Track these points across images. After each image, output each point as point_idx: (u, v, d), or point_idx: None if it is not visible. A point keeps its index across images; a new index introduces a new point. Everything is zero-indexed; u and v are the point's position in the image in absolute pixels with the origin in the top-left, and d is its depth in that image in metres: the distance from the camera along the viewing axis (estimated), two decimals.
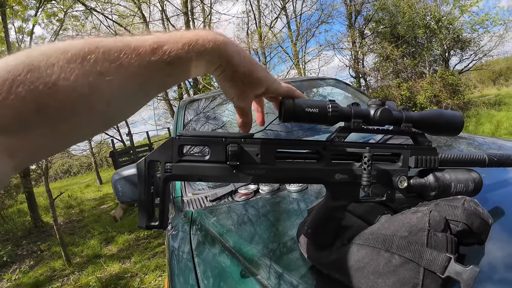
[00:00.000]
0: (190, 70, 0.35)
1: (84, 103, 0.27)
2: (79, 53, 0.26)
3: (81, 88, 0.26)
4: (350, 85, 2.07)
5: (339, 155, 0.49)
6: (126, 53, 0.29)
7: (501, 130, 5.90)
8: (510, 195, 0.74)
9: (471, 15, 8.58)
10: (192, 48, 0.34)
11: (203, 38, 0.35)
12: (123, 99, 0.30)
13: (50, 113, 0.25)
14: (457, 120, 0.57)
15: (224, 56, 0.37)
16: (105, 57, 0.28)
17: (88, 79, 0.26)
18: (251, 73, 0.41)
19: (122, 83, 0.29)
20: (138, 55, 0.30)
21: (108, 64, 0.28)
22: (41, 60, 0.25)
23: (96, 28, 6.68)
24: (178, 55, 0.33)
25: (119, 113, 0.32)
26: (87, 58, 0.27)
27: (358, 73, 9.93)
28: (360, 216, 0.54)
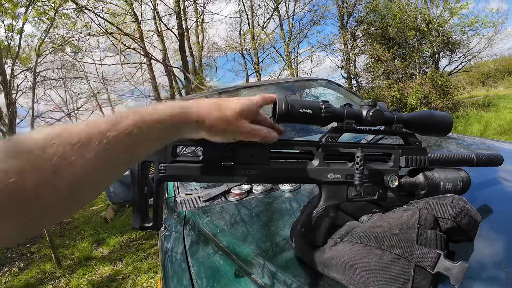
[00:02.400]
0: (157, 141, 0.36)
1: (48, 186, 0.26)
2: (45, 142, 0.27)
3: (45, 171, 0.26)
4: (342, 86, 2.09)
5: (332, 155, 0.50)
6: (87, 136, 0.30)
7: (490, 130, 6.02)
8: (498, 193, 0.76)
9: (461, 18, 8.73)
10: (150, 123, 0.35)
11: (163, 115, 0.36)
12: (89, 177, 0.30)
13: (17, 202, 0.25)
14: (446, 121, 0.59)
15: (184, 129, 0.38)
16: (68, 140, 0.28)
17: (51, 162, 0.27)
18: (224, 126, 0.41)
19: (85, 163, 0.29)
20: (99, 133, 0.31)
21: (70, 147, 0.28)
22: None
23: (87, 26, 6.59)
24: (136, 125, 0.33)
25: (86, 193, 0.31)
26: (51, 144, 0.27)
27: (349, 74, 10.03)
28: (352, 214, 0.55)
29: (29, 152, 0.26)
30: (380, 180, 0.53)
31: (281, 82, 1.97)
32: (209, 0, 9.06)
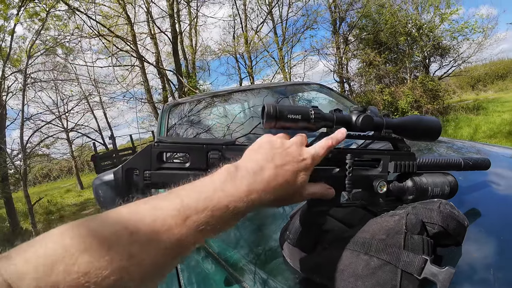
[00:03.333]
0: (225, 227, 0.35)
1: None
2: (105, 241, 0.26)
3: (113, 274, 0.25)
4: (334, 90, 2.12)
5: (321, 161, 0.50)
6: (153, 232, 0.28)
7: (479, 133, 6.13)
8: (485, 197, 0.77)
9: (451, 23, 8.90)
10: (223, 214, 0.33)
11: (235, 202, 0.34)
12: (156, 273, 0.29)
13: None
14: (435, 126, 0.59)
15: (260, 206, 0.37)
16: (134, 239, 0.27)
17: (119, 264, 0.25)
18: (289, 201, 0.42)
19: (154, 261, 0.28)
20: (167, 231, 0.29)
21: (138, 245, 0.27)
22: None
23: (79, 28, 6.54)
24: (208, 223, 0.31)
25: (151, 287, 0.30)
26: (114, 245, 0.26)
27: (342, 78, 10.12)
28: (341, 219, 0.55)
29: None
30: (369, 186, 0.53)
31: (274, 86, 1.97)
32: (203, 3, 9.09)
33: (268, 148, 0.42)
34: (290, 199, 0.42)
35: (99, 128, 11.45)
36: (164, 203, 0.31)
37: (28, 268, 0.22)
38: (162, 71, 8.08)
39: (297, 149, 0.43)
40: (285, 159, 0.40)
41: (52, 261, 0.23)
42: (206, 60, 10.61)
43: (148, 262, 0.27)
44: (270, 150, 0.41)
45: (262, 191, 0.37)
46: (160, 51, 8.67)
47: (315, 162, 0.43)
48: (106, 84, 9.58)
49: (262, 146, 0.42)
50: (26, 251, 0.24)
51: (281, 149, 0.42)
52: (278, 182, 0.38)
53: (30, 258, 0.23)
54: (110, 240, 0.26)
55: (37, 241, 0.25)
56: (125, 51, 7.38)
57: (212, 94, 1.90)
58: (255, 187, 0.36)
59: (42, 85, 8.57)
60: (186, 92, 6.94)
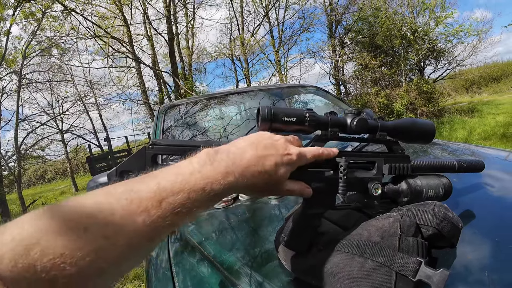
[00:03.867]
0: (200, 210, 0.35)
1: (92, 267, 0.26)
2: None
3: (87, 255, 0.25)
4: (330, 93, 2.12)
5: (316, 164, 0.50)
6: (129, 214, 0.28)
7: (474, 135, 6.18)
8: (480, 199, 0.77)
9: (446, 27, 9.00)
10: (199, 196, 0.33)
11: (211, 184, 0.34)
12: (132, 255, 0.29)
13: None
14: (429, 129, 0.60)
15: (236, 189, 0.37)
16: (109, 220, 0.27)
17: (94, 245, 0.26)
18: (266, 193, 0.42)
19: (129, 243, 0.28)
20: (143, 213, 0.29)
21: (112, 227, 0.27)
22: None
23: (75, 29, 6.50)
24: (184, 205, 0.32)
25: (126, 269, 0.31)
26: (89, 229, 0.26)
27: (338, 81, 10.18)
28: (336, 222, 0.55)
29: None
30: (364, 188, 0.53)
31: (270, 88, 1.98)
32: (200, 6, 9.10)
33: (256, 137, 0.42)
34: (267, 189, 0.42)
35: (94, 130, 11.39)
36: (141, 186, 0.31)
37: (6, 250, 0.23)
38: (158, 72, 8.06)
39: (285, 143, 0.43)
40: (269, 149, 0.41)
41: (29, 242, 0.24)
42: (202, 62, 10.61)
43: (122, 243, 0.27)
44: (256, 139, 0.42)
45: (240, 174, 0.37)
46: (156, 52, 8.66)
47: (300, 161, 0.44)
48: (102, 85, 9.54)
49: (251, 136, 0.43)
50: (3, 233, 0.24)
51: (269, 140, 0.42)
52: (256, 169, 0.38)
53: (6, 240, 0.23)
54: (85, 222, 0.26)
55: (14, 224, 0.25)
56: (121, 52, 7.36)
57: (208, 96, 1.90)
58: (233, 169, 0.36)
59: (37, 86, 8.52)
60: (182, 94, 6.92)
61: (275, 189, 0.43)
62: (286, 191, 0.44)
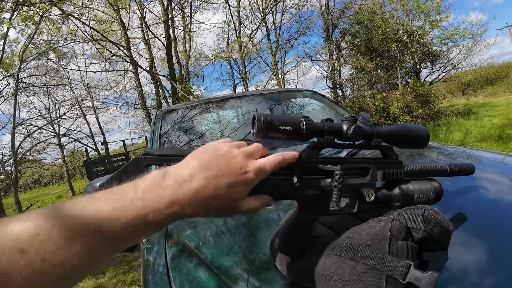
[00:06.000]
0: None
1: None
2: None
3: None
4: (326, 97, 2.14)
5: (311, 171, 0.50)
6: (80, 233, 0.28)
7: (470, 137, 6.22)
8: (472, 201, 0.79)
9: (441, 30, 9.09)
10: (139, 225, 0.32)
11: (153, 214, 0.32)
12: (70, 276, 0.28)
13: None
14: (423, 134, 0.61)
15: (183, 217, 0.36)
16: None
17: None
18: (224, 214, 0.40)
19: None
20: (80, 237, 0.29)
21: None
22: None
23: (73, 33, 6.51)
24: (120, 233, 0.31)
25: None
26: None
27: (335, 84, 10.23)
28: (329, 226, 0.56)
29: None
30: (358, 194, 0.54)
31: (267, 93, 1.99)
32: (197, 10, 9.14)
33: (210, 155, 0.39)
34: (223, 212, 0.40)
35: (91, 134, 11.34)
36: (80, 210, 0.30)
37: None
38: (155, 76, 8.07)
39: (242, 160, 0.40)
40: (223, 169, 0.38)
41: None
42: (200, 65, 10.65)
43: (59, 270, 0.27)
44: (210, 157, 0.39)
45: (187, 202, 0.34)
46: (153, 56, 8.68)
47: (259, 176, 0.41)
48: (99, 89, 9.52)
49: (205, 151, 0.40)
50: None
51: (223, 158, 0.39)
52: (207, 194, 0.36)
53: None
54: (20, 246, 0.26)
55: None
56: (118, 56, 7.38)
57: (205, 101, 1.91)
58: (179, 198, 0.34)
59: (34, 89, 8.49)
60: (179, 97, 6.93)
61: (231, 211, 0.40)
62: (246, 210, 0.41)
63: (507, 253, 0.56)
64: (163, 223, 0.34)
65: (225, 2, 8.87)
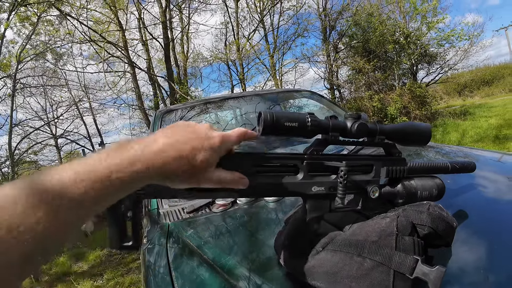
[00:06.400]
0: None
1: None
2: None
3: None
4: (324, 97, 2.15)
5: (316, 168, 0.50)
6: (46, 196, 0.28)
7: (467, 138, 6.26)
8: (473, 198, 0.79)
9: (438, 32, 9.13)
10: (104, 186, 0.31)
11: (116, 173, 0.32)
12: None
13: None
14: (426, 132, 0.61)
15: (148, 177, 0.35)
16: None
17: None
18: (188, 178, 0.38)
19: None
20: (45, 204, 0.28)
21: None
22: None
23: (70, 33, 6.48)
24: (87, 194, 0.30)
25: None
26: None
27: (332, 85, 10.25)
28: (335, 223, 0.56)
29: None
30: (362, 191, 0.54)
31: (266, 93, 1.99)
32: (195, 11, 9.15)
33: (175, 125, 0.40)
34: (189, 177, 0.39)
35: (88, 135, 11.27)
36: (48, 176, 0.30)
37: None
38: (153, 77, 8.05)
39: (206, 129, 0.41)
40: (187, 135, 0.38)
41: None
42: (198, 66, 10.63)
43: (27, 237, 0.27)
44: (175, 126, 0.40)
45: (150, 161, 0.34)
46: (151, 57, 8.66)
47: (224, 145, 0.41)
48: (97, 90, 9.47)
49: (172, 125, 0.41)
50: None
51: (189, 126, 0.40)
52: (170, 155, 0.36)
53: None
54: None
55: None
56: (116, 57, 7.35)
57: (204, 101, 1.91)
58: (142, 157, 0.34)
59: (31, 90, 8.44)
60: (177, 98, 6.92)
61: (199, 177, 0.39)
62: (216, 180, 0.41)
63: (508, 249, 0.56)
64: (129, 183, 0.33)
65: (223, 4, 8.90)
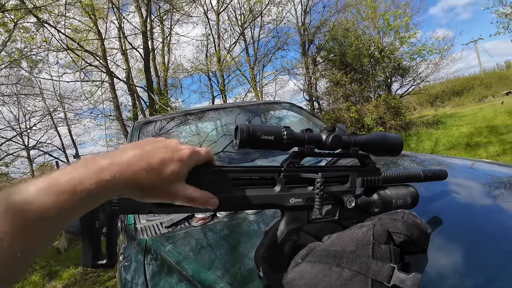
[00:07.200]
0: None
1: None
2: None
3: None
4: (303, 109, 2.19)
5: (293, 180, 0.51)
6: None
7: (440, 146, 6.54)
8: (446, 205, 0.82)
9: (410, 46, 9.63)
10: (70, 198, 0.30)
11: (81, 185, 0.31)
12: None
13: None
14: (397, 142, 0.63)
15: (115, 188, 0.34)
16: None
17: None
18: (156, 194, 0.38)
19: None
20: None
21: None
22: None
23: (47, 41, 6.27)
24: (52, 207, 0.29)
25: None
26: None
27: (311, 97, 10.49)
28: (313, 234, 0.56)
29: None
30: (339, 201, 0.55)
31: (246, 105, 2.01)
32: (176, 22, 9.15)
33: (146, 139, 0.40)
34: (157, 191, 0.38)
35: (62, 146, 10.81)
36: (22, 189, 0.30)
37: None
38: (132, 87, 7.91)
39: (176, 143, 0.41)
40: (158, 147, 0.38)
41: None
42: (178, 77, 10.57)
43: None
44: (146, 141, 0.40)
45: (117, 171, 0.33)
46: (131, 67, 8.53)
47: (193, 157, 0.41)
48: (72, 99, 9.15)
49: (141, 140, 0.41)
50: None
51: (158, 141, 0.40)
52: (139, 165, 0.35)
53: None
54: None
55: None
56: (94, 66, 7.17)
57: (184, 112, 1.89)
58: (110, 167, 0.33)
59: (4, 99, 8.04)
60: (157, 109, 6.82)
61: (167, 191, 0.38)
62: (184, 196, 0.40)
63: (482, 252, 0.58)
64: (95, 195, 0.32)
65: (204, 16, 8.96)
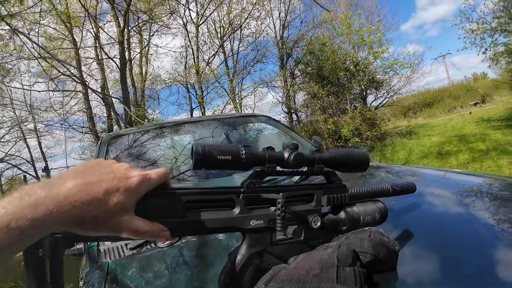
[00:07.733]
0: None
1: None
2: None
3: None
4: (280, 122, 2.20)
5: (254, 201, 0.49)
6: None
7: (413, 155, 6.80)
8: (416, 218, 0.82)
9: (383, 60, 10.18)
10: (3, 235, 0.28)
11: (16, 221, 0.29)
12: None
13: None
14: (363, 158, 0.62)
15: (53, 224, 0.31)
16: None
17: None
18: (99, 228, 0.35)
19: None
20: None
21: None
22: None
23: (17, 50, 6.01)
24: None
25: None
26: None
27: (290, 109, 10.67)
28: (279, 255, 0.54)
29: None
30: (304, 221, 0.53)
31: (223, 118, 1.99)
32: (154, 33, 9.09)
33: (90, 164, 0.37)
34: (98, 224, 0.34)
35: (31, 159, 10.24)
36: None
37: None
38: (107, 98, 7.69)
39: (125, 168, 0.38)
40: (102, 175, 0.35)
41: None
42: (156, 89, 10.42)
43: None
44: (89, 166, 0.36)
45: (55, 206, 0.31)
46: (106, 77, 8.32)
47: (144, 185, 0.38)
48: (42, 110, 8.73)
49: (84, 163, 0.37)
50: None
51: (104, 167, 0.37)
52: (79, 198, 0.32)
53: None
54: None
55: None
56: (67, 76, 6.92)
57: (159, 125, 1.85)
58: (46, 202, 0.31)
59: None
60: (133, 121, 6.65)
61: (111, 225, 0.35)
62: (131, 230, 0.36)
63: (453, 264, 0.58)
64: (30, 232, 0.30)
65: (183, 28, 8.96)
